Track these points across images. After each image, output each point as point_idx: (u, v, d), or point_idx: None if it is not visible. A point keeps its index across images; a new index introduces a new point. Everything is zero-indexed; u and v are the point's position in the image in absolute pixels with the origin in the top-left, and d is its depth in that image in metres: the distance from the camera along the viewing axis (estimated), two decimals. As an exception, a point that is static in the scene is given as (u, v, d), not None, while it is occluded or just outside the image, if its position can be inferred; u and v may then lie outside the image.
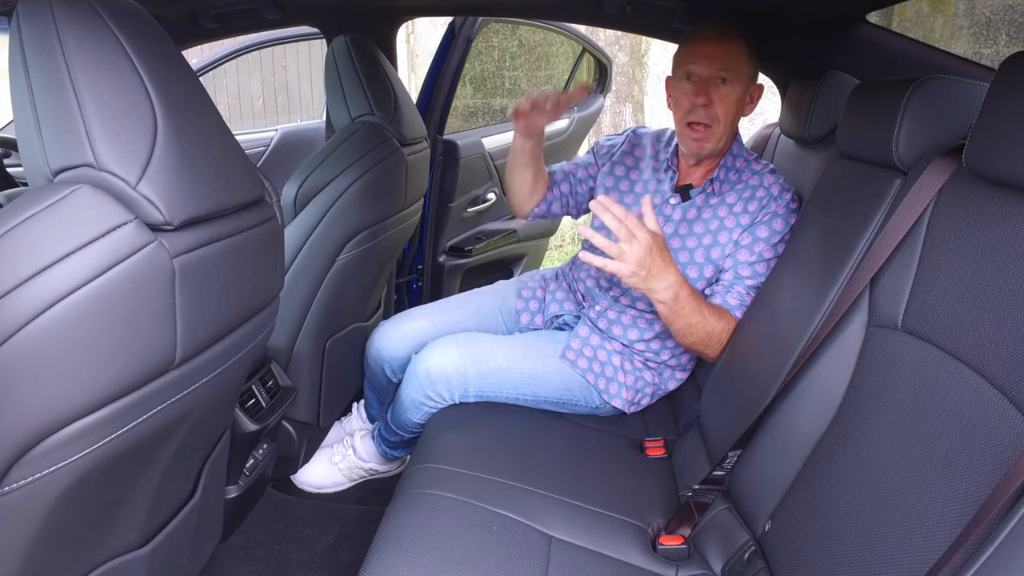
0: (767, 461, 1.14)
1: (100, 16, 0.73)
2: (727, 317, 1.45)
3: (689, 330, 1.42)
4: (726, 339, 1.45)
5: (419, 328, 1.76)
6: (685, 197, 1.58)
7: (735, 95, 1.48)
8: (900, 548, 0.80)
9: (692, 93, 1.48)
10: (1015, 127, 0.79)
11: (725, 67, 1.46)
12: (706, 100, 1.47)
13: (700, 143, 1.51)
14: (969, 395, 0.80)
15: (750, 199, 1.52)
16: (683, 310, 1.39)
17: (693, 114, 1.49)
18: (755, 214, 1.50)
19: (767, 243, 1.48)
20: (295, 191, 1.65)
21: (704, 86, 1.47)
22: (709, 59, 1.47)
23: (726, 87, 1.47)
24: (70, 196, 0.69)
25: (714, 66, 1.46)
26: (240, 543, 1.69)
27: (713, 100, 1.47)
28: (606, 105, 4.76)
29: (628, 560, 1.15)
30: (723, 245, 1.52)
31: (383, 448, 1.82)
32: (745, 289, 1.48)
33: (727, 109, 1.48)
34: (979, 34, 4.81)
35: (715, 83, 1.47)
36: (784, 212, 1.48)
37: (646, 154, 1.69)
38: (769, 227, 1.48)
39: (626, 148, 1.72)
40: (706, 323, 1.42)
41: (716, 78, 1.46)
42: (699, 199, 1.57)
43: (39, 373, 0.67)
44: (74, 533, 0.83)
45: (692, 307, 1.39)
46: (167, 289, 0.76)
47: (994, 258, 0.83)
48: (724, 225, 1.52)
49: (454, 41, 2.38)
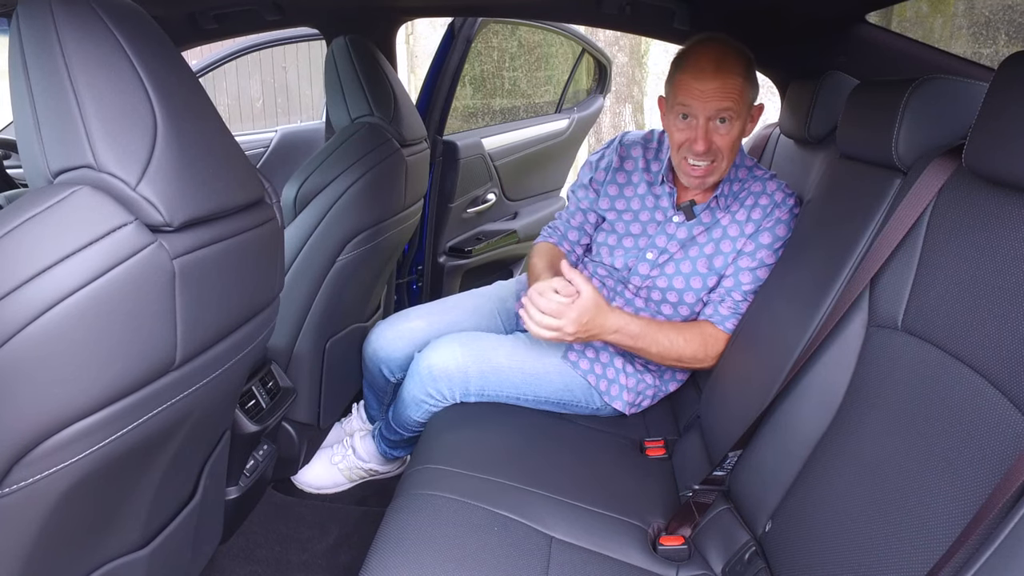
0: (767, 461, 1.14)
1: (100, 17, 0.73)
2: (707, 334, 1.49)
3: (661, 357, 1.51)
4: (713, 354, 1.49)
5: (416, 328, 1.76)
6: (689, 215, 1.53)
7: (736, 127, 1.41)
8: (900, 548, 0.80)
9: (690, 137, 1.41)
10: (1015, 127, 0.79)
11: (724, 107, 1.37)
12: (705, 146, 1.39)
13: (702, 179, 1.46)
14: (969, 395, 0.80)
15: (754, 207, 1.50)
16: (640, 343, 1.47)
17: (690, 154, 1.42)
18: (760, 222, 1.48)
19: (769, 249, 1.47)
20: (295, 192, 1.65)
21: (705, 132, 1.39)
22: (706, 98, 1.37)
23: (726, 126, 1.39)
24: (70, 197, 0.69)
25: (712, 107, 1.37)
26: (240, 544, 1.69)
27: (713, 140, 1.40)
28: (606, 106, 4.77)
29: (629, 561, 1.15)
30: (726, 254, 1.51)
31: (383, 448, 1.82)
32: (742, 295, 1.48)
33: (730, 143, 1.42)
34: (978, 34, 4.81)
35: (713, 123, 1.39)
36: (787, 218, 1.48)
37: (637, 166, 1.63)
38: (772, 233, 1.47)
39: (616, 163, 1.65)
40: (674, 347, 1.49)
41: (715, 119, 1.39)
42: (704, 216, 1.53)
43: (39, 374, 0.67)
44: (74, 534, 0.83)
45: (650, 338, 1.47)
46: (167, 290, 0.76)
47: (994, 258, 0.83)
48: (728, 234, 1.51)
49: (454, 42, 2.38)
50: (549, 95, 4.82)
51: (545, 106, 4.95)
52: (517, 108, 5.32)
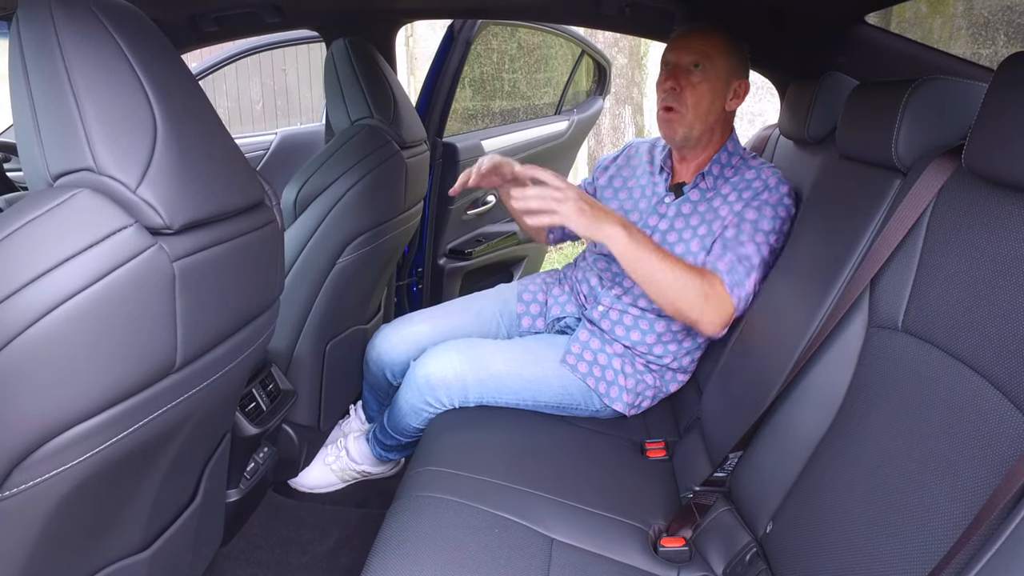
0: (768, 462, 1.14)
1: (99, 20, 0.73)
2: (710, 277, 1.42)
3: (663, 281, 1.38)
4: (719, 307, 1.40)
5: (420, 332, 1.76)
6: (678, 194, 1.61)
7: (708, 84, 1.50)
8: (901, 549, 0.80)
9: (664, 78, 1.53)
10: (1014, 127, 0.79)
11: (698, 54, 1.49)
12: (674, 84, 1.50)
13: (670, 126, 1.54)
14: (970, 396, 0.80)
15: (745, 188, 1.53)
16: (644, 250, 1.37)
17: (663, 99, 1.53)
18: (748, 200, 1.51)
19: (754, 226, 1.46)
20: (295, 194, 1.65)
21: (675, 71, 1.51)
22: (683, 47, 1.51)
23: (698, 73, 1.50)
24: (70, 200, 0.69)
25: (687, 53, 1.50)
26: (241, 547, 1.69)
27: (683, 86, 1.50)
28: (605, 107, 4.76)
29: (629, 562, 1.15)
30: (715, 231, 1.53)
31: (377, 451, 1.82)
32: (737, 257, 1.44)
33: (698, 96, 1.50)
34: (977, 35, 4.82)
35: (686, 69, 1.50)
36: (776, 202, 1.48)
37: (642, 161, 1.73)
38: (759, 212, 1.48)
39: (622, 161, 1.78)
40: (677, 271, 1.38)
41: (689, 63, 1.50)
42: (692, 194, 1.59)
43: (40, 377, 0.67)
44: (75, 537, 0.83)
45: (652, 248, 1.38)
46: (167, 293, 0.76)
47: (994, 258, 0.83)
48: (718, 214, 1.54)
49: (453, 44, 2.38)
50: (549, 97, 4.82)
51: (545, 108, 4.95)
52: (517, 110, 5.32)
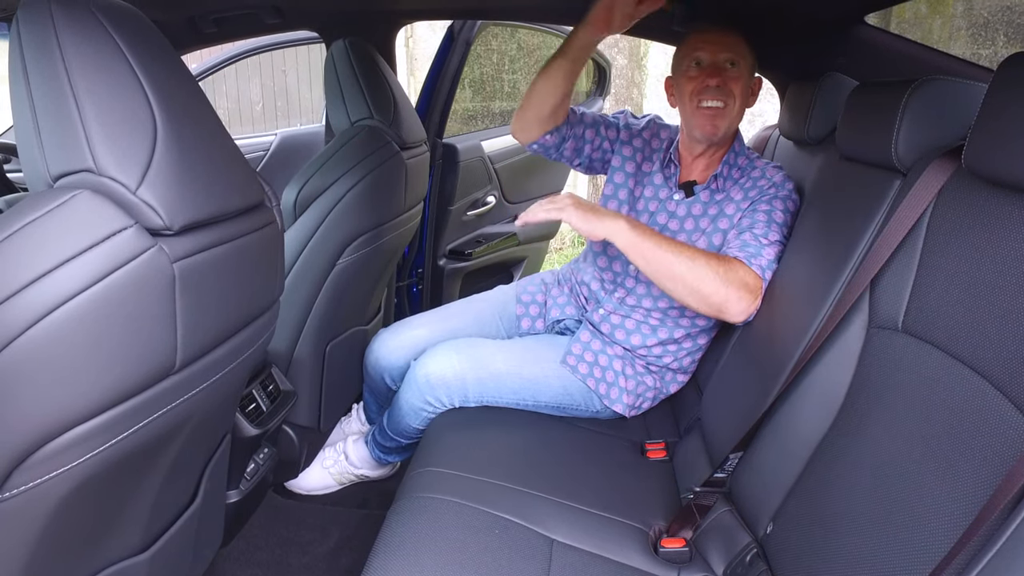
0: (768, 463, 1.13)
1: (99, 21, 0.73)
2: (724, 257, 1.39)
3: (678, 268, 1.35)
4: (743, 282, 1.35)
5: (419, 336, 1.76)
6: (689, 193, 1.58)
7: (743, 80, 1.50)
8: (902, 549, 0.80)
9: (703, 76, 1.48)
10: (1014, 127, 0.79)
11: (733, 52, 1.49)
12: (719, 81, 1.47)
13: (715, 122, 1.50)
14: (970, 396, 0.80)
15: (751, 188, 1.53)
16: (650, 240, 1.36)
17: (706, 96, 1.48)
18: (755, 199, 1.51)
19: (766, 215, 1.46)
20: (295, 195, 1.65)
21: (714, 69, 1.48)
22: (716, 45, 1.49)
23: (734, 70, 1.49)
24: (70, 201, 0.69)
25: (723, 50, 1.49)
26: (241, 548, 1.69)
27: (727, 80, 1.48)
28: (605, 107, 4.76)
29: (630, 563, 1.15)
30: (724, 231, 1.53)
31: (377, 453, 1.82)
32: (750, 235, 1.43)
33: (740, 88, 1.50)
34: (977, 35, 4.81)
35: (724, 66, 1.49)
36: (785, 197, 1.49)
37: (662, 147, 1.66)
38: (770, 204, 1.48)
39: (647, 135, 1.70)
40: (689, 255, 1.36)
41: (725, 62, 1.49)
42: (704, 195, 1.57)
43: (40, 378, 0.67)
44: (74, 539, 0.83)
45: (658, 237, 1.37)
46: (167, 294, 0.76)
47: (994, 258, 0.83)
48: (726, 213, 1.54)
49: (453, 44, 2.38)
50: (549, 97, 4.81)
51: (545, 108, 4.94)
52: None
